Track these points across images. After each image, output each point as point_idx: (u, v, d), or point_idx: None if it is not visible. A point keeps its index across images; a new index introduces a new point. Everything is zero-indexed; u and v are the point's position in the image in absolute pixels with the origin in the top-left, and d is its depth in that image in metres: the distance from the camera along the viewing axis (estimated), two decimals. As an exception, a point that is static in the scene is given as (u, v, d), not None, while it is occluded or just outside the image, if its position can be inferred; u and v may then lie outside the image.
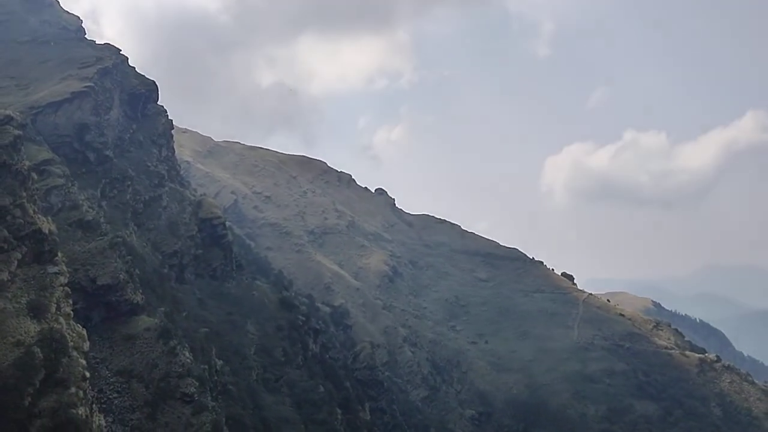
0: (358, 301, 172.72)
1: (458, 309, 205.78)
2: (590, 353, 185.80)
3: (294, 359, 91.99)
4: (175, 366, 58.83)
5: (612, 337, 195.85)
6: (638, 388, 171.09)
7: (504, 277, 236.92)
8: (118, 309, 62.69)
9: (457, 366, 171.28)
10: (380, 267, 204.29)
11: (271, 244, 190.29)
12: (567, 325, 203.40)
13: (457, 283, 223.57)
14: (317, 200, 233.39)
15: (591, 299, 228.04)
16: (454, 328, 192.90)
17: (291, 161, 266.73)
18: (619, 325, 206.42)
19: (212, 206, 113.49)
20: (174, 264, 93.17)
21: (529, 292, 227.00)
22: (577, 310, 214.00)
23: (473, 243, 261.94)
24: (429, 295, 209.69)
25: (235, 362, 79.73)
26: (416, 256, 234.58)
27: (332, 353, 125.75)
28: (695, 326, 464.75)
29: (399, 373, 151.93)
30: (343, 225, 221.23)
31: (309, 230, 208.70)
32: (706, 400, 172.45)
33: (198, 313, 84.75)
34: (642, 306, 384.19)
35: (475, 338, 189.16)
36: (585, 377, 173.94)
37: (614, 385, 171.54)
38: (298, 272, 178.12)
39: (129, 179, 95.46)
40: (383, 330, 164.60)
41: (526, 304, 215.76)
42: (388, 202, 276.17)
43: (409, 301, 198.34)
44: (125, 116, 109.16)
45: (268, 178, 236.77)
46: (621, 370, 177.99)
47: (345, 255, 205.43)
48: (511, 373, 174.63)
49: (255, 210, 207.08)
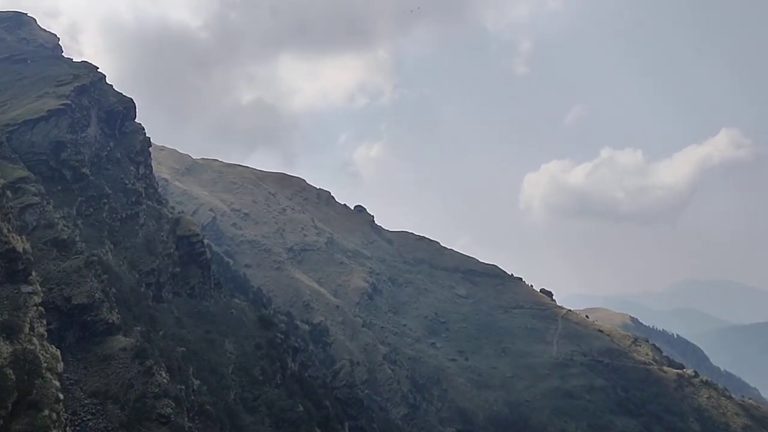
0: (337, 319, 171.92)
1: (438, 326, 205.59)
2: (570, 369, 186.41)
3: (273, 378, 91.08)
4: (151, 386, 57.91)
5: (591, 353, 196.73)
6: (618, 404, 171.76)
7: (483, 293, 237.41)
8: (93, 329, 61.69)
9: (438, 383, 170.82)
10: (360, 284, 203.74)
11: (250, 262, 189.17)
12: (546, 341, 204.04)
13: (436, 300, 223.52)
14: (296, 217, 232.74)
15: (570, 315, 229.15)
16: (434, 345, 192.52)
17: (270, 178, 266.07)
18: (598, 340, 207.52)
19: (190, 224, 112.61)
20: (151, 282, 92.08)
21: (509, 308, 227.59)
22: (556, 326, 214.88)
23: (452, 260, 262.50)
24: (409, 312, 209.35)
25: (212, 382, 78.76)
26: (396, 273, 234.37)
27: (311, 371, 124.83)
28: (673, 341, 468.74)
29: (379, 391, 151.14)
30: (322, 242, 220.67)
31: (288, 247, 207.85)
32: (685, 415, 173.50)
33: (175, 332, 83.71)
34: (620, 321, 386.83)
35: (455, 355, 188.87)
36: (565, 393, 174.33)
37: (594, 401, 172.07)
38: (277, 290, 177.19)
39: (106, 197, 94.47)
40: (363, 348, 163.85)
41: (506, 321, 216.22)
42: (367, 219, 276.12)
43: (389, 319, 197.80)
44: (102, 134, 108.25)
45: (246, 196, 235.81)
46: (600, 386, 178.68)
47: (324, 272, 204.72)
48: (492, 390, 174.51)
49: (233, 227, 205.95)
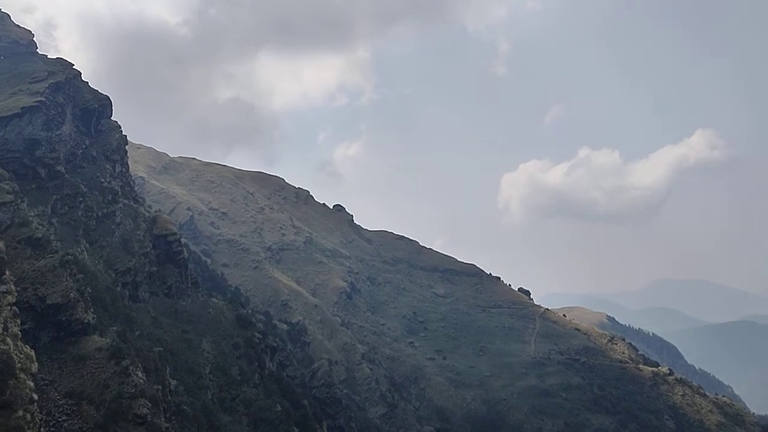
0: (315, 318, 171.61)
1: (416, 325, 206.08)
2: (547, 368, 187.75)
3: (251, 378, 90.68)
4: (127, 387, 57.38)
5: (568, 352, 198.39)
6: (594, 402, 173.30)
7: (462, 293, 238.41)
8: (68, 329, 61.01)
9: (416, 382, 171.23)
10: (338, 283, 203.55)
11: (228, 261, 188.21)
12: (524, 339, 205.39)
13: (415, 299, 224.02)
14: (275, 216, 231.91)
15: (547, 314, 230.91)
16: (412, 344, 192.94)
17: (248, 177, 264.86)
18: (575, 339, 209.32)
19: (167, 223, 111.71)
20: (127, 282, 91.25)
21: (487, 307, 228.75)
22: (534, 325, 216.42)
23: (431, 259, 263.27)
24: (387, 311, 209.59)
25: (190, 382, 78.26)
26: (374, 272, 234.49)
27: (290, 371, 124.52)
28: (648, 340, 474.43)
29: (357, 390, 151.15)
30: (301, 241, 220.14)
31: (266, 247, 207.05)
32: (660, 412, 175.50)
33: (152, 332, 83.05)
34: (597, 320, 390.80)
35: (433, 354, 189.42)
36: (542, 392, 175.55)
37: (570, 399, 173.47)
38: (255, 289, 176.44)
39: (81, 195, 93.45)
40: (341, 347, 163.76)
41: (484, 320, 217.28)
42: (346, 218, 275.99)
43: (368, 318, 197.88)
44: (78, 131, 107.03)
45: (224, 195, 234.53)
46: (577, 384, 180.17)
47: (303, 272, 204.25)
48: (470, 388, 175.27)
49: (211, 226, 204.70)
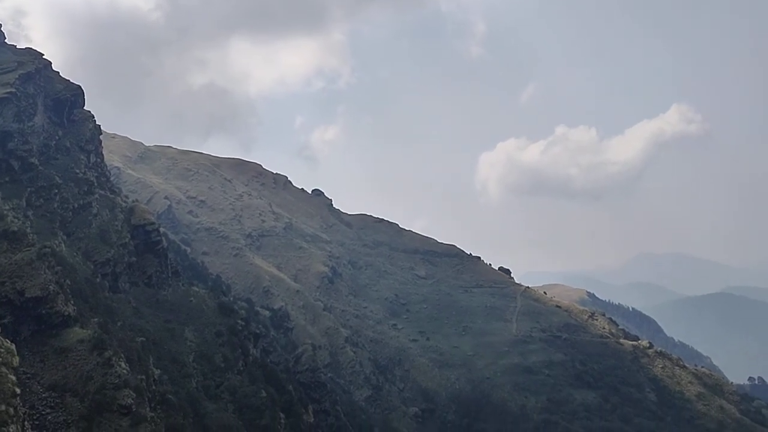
0: (298, 304, 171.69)
1: (399, 307, 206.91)
2: (529, 345, 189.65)
3: (234, 365, 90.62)
4: (110, 378, 57.11)
5: (550, 329, 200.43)
6: (576, 378, 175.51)
7: (443, 273, 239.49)
8: (48, 321, 60.45)
9: (400, 364, 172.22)
10: (319, 268, 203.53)
11: (208, 249, 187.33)
12: (506, 318, 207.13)
13: (397, 282, 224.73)
14: (253, 203, 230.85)
15: (528, 292, 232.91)
16: (395, 326, 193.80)
17: (225, 164, 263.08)
18: (556, 316, 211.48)
19: (145, 212, 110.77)
20: (107, 273, 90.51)
21: (469, 287, 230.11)
22: (515, 303, 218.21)
23: (412, 241, 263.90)
24: (369, 294, 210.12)
25: (173, 371, 78.06)
26: (355, 256, 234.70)
27: (273, 357, 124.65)
28: (628, 314, 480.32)
29: (342, 373, 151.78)
30: (281, 227, 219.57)
31: (246, 233, 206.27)
32: (641, 385, 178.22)
33: (134, 323, 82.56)
34: (577, 297, 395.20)
35: (416, 336, 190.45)
36: (525, 369, 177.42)
37: (553, 375, 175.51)
38: (236, 276, 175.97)
39: (56, 187, 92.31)
40: (324, 331, 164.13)
41: (466, 300, 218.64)
42: (325, 202, 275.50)
43: (350, 302, 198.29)
44: (50, 122, 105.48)
45: (202, 182, 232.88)
46: (559, 361, 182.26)
47: (283, 257, 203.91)
48: (453, 368, 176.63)
49: (190, 215, 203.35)
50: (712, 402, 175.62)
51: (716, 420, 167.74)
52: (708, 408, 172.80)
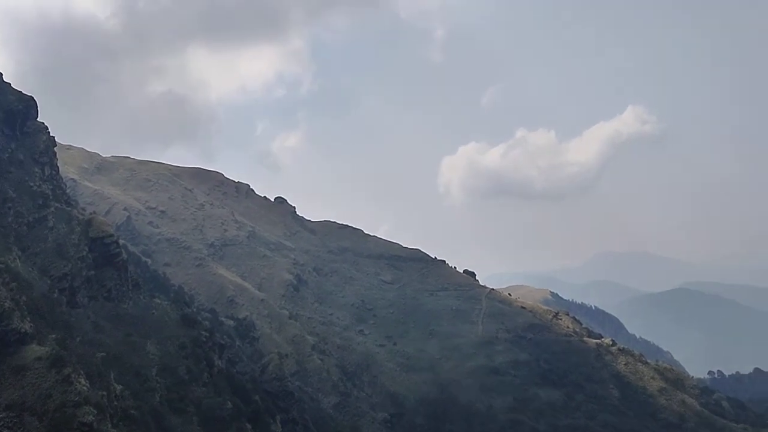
0: (263, 313, 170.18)
1: (365, 313, 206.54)
2: (495, 346, 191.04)
3: (199, 377, 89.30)
4: (70, 395, 55.71)
5: (515, 330, 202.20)
6: (542, 377, 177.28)
7: (408, 278, 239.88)
8: (4, 339, 58.76)
9: (367, 370, 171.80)
10: (284, 276, 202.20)
11: (170, 260, 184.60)
12: (472, 320, 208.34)
13: (362, 288, 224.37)
14: (215, 212, 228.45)
15: (493, 294, 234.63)
16: (362, 332, 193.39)
17: (185, 174, 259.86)
18: (521, 317, 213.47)
19: (103, 224, 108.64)
20: (64, 288, 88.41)
21: (434, 291, 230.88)
22: (480, 305, 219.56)
23: (376, 246, 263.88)
24: (335, 301, 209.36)
25: (136, 385, 76.54)
26: (320, 262, 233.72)
27: (239, 367, 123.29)
28: (591, 313, 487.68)
29: (309, 381, 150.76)
30: (244, 236, 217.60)
31: (208, 243, 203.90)
32: (605, 382, 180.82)
33: (93, 338, 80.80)
34: (541, 297, 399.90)
35: (383, 341, 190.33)
36: (491, 370, 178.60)
37: (519, 375, 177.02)
38: (200, 287, 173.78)
39: (10, 201, 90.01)
40: (291, 339, 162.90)
41: (432, 303, 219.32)
42: (288, 210, 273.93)
43: (316, 309, 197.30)
44: (2, 135, 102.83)
45: (162, 193, 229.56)
46: (525, 361, 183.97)
47: (247, 266, 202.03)
48: (421, 372, 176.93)
49: (150, 226, 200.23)
50: (673, 396, 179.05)
51: (678, 413, 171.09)
52: (670, 402, 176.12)
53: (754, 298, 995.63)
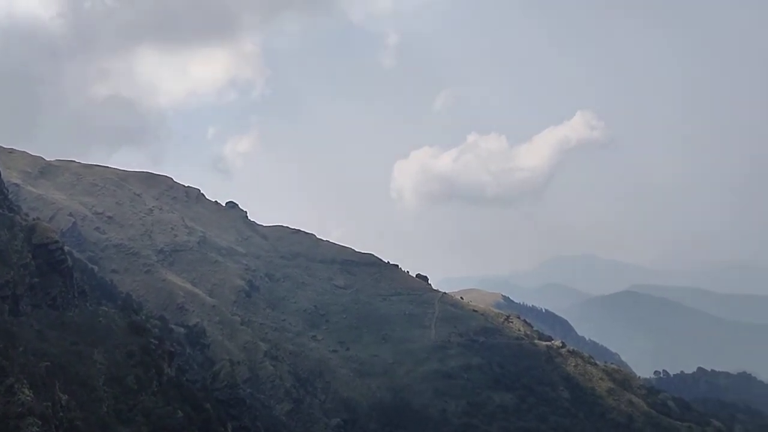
0: (214, 319, 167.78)
1: (318, 318, 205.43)
2: (448, 351, 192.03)
3: (148, 386, 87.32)
4: (13, 406, 53.93)
5: (467, 333, 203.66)
6: (494, 380, 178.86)
7: (362, 283, 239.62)
8: (-59, 350, 56.61)
9: (320, 376, 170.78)
10: (236, 282, 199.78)
11: (117, 267, 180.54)
12: (424, 325, 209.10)
13: (315, 293, 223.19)
14: (165, 217, 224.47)
15: (446, 298, 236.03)
16: (314, 337, 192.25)
17: (134, 178, 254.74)
18: (474, 320, 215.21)
19: (47, 230, 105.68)
20: (6, 295, 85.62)
21: (387, 296, 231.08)
22: (433, 309, 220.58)
23: (329, 251, 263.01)
24: (288, 306, 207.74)
25: (82, 395, 74.44)
26: (272, 268, 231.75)
27: (190, 375, 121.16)
28: (542, 316, 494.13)
29: (261, 388, 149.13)
30: (194, 241, 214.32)
31: (158, 249, 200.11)
32: (555, 384, 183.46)
33: (37, 347, 78.31)
34: (493, 301, 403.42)
35: (336, 346, 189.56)
36: (444, 374, 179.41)
37: (472, 379, 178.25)
38: (148, 294, 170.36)
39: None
40: (242, 346, 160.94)
41: (385, 308, 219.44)
42: (240, 215, 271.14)
43: (268, 315, 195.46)
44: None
45: (109, 198, 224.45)
46: (477, 364, 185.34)
47: (198, 272, 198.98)
48: (374, 377, 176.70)
49: (97, 232, 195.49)
50: (621, 396, 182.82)
51: (626, 414, 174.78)
52: (618, 402, 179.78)
53: (698, 300, 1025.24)
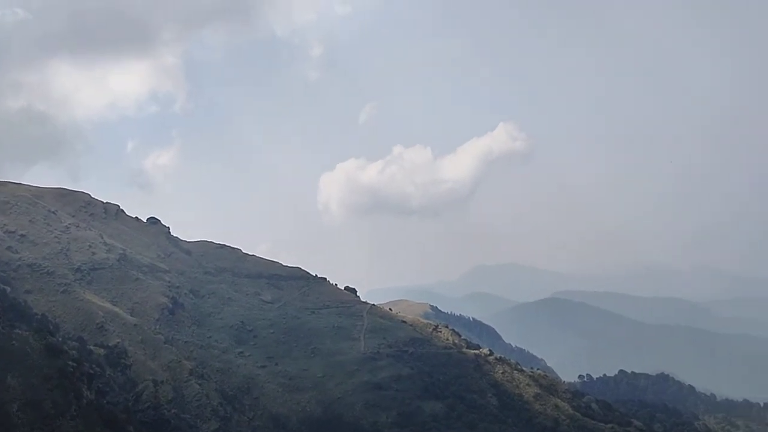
0: (136, 339, 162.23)
1: (245, 334, 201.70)
2: (378, 362, 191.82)
3: (66, 410, 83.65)
4: None
5: (397, 344, 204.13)
6: (424, 390, 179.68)
7: (289, 297, 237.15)
8: None
9: (248, 392, 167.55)
10: (159, 300, 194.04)
11: (31, 287, 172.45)
12: (354, 337, 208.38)
13: (242, 308, 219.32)
14: (82, 235, 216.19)
15: (374, 310, 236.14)
16: (242, 354, 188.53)
17: (48, 195, 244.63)
18: (402, 331, 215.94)
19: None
20: None
21: (316, 309, 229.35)
22: (362, 321, 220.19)
23: (256, 266, 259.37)
24: (213, 323, 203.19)
25: (-6, 423, 70.59)
26: (197, 284, 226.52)
27: (110, 397, 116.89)
28: (469, 324, 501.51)
29: (187, 408, 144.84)
30: (114, 259, 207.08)
31: (75, 268, 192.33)
32: (484, 392, 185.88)
33: (-57, 374, 73.87)
34: (421, 311, 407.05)
35: (264, 362, 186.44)
36: (374, 386, 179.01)
37: (402, 389, 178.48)
38: (66, 314, 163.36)
39: None
40: (166, 365, 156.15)
41: (314, 322, 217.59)
42: (162, 230, 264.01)
43: (193, 332, 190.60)
44: None
45: (21, 215, 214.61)
46: (407, 375, 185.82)
47: (118, 291, 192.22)
48: (304, 392, 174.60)
49: (9, 251, 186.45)
50: (547, 401, 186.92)
51: (552, 417, 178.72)
52: (544, 407, 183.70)
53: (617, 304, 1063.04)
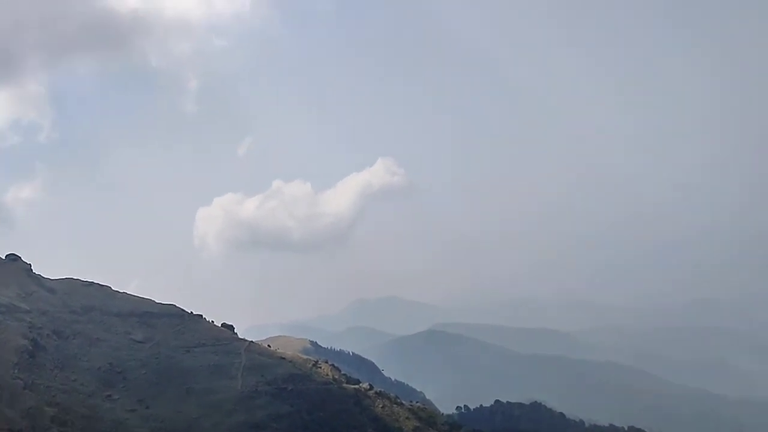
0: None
1: (114, 376, 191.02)
2: (255, 401, 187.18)
3: None
4: None
5: (275, 381, 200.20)
6: (304, 428, 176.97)
7: (162, 335, 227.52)
8: None
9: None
10: (18, 342, 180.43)
11: None
12: (231, 375, 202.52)
13: (111, 349, 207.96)
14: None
15: (253, 347, 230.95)
16: (110, 397, 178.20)
17: None
18: (281, 368, 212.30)
19: None
20: None
21: (191, 347, 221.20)
22: (240, 359, 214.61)
23: (126, 303, 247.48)
24: (79, 365, 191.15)
25: None
26: (61, 324, 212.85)
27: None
28: (349, 359, 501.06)
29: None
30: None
31: None
32: (364, 427, 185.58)
33: None
34: (301, 347, 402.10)
35: (135, 405, 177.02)
36: (253, 425, 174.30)
37: (281, 428, 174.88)
38: None
39: None
40: (25, 413, 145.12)
41: (188, 361, 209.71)
42: (23, 268, 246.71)
43: (56, 376, 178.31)
44: None
45: None
46: (286, 413, 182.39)
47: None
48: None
49: None
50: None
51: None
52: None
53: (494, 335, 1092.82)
